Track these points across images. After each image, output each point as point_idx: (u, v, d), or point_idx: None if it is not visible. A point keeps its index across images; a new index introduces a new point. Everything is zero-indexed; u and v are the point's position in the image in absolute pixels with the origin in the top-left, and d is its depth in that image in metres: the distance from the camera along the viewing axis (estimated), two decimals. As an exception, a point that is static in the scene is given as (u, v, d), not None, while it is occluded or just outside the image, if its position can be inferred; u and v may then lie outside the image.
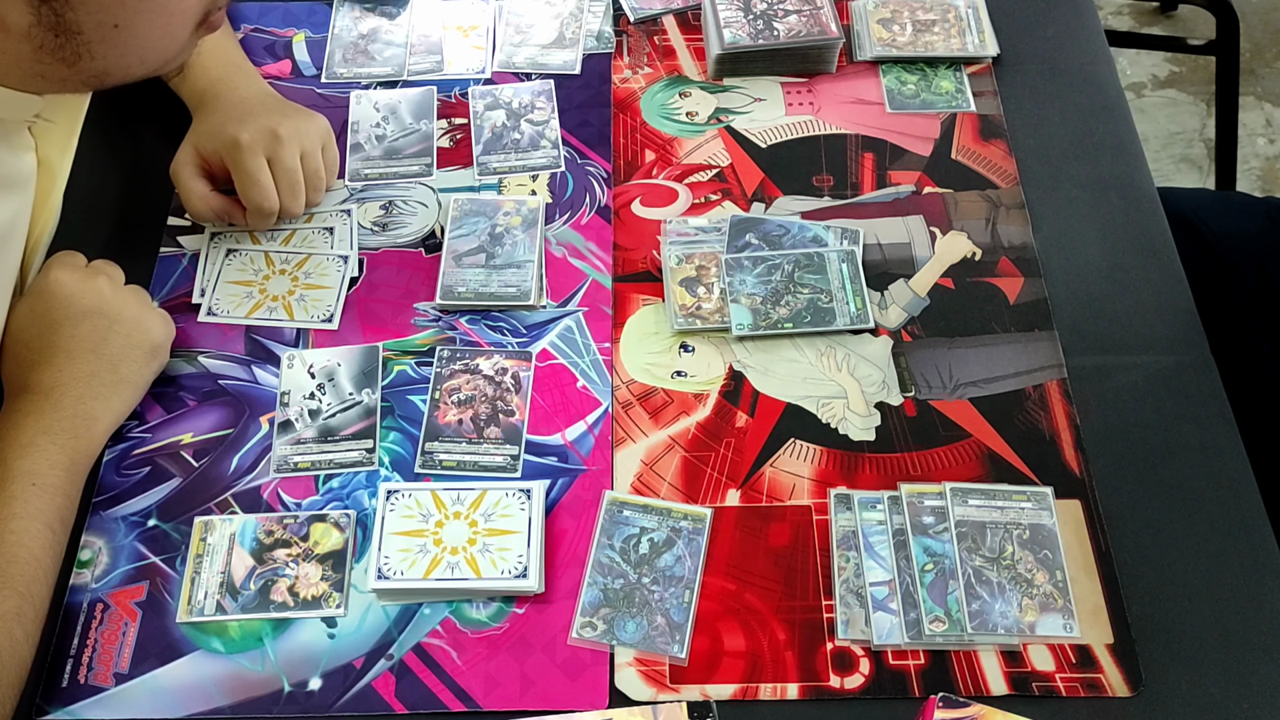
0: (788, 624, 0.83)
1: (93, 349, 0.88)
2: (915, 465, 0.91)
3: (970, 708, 0.78)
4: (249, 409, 0.94)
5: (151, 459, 0.91)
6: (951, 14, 1.19)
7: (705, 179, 1.09)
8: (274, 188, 1.00)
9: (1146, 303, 0.98)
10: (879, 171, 1.09)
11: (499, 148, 1.11)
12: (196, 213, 1.02)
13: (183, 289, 1.01)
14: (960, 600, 0.83)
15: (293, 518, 0.88)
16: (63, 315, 0.88)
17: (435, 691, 0.81)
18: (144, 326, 0.91)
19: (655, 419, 0.94)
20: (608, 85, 1.16)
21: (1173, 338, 0.97)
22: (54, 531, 0.81)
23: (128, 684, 0.81)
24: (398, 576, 0.84)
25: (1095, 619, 0.83)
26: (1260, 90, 2.32)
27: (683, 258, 1.02)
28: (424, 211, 1.06)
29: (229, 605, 0.84)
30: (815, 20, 1.15)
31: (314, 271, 1.02)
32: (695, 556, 0.86)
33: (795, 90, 1.16)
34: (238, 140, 0.99)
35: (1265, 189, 2.21)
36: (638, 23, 1.21)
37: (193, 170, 1.01)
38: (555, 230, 1.05)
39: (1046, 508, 0.87)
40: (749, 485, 0.90)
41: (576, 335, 0.98)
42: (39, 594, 0.79)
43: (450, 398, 0.94)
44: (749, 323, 0.98)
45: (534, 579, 0.83)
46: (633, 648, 0.82)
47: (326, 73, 1.17)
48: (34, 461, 0.82)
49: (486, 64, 1.18)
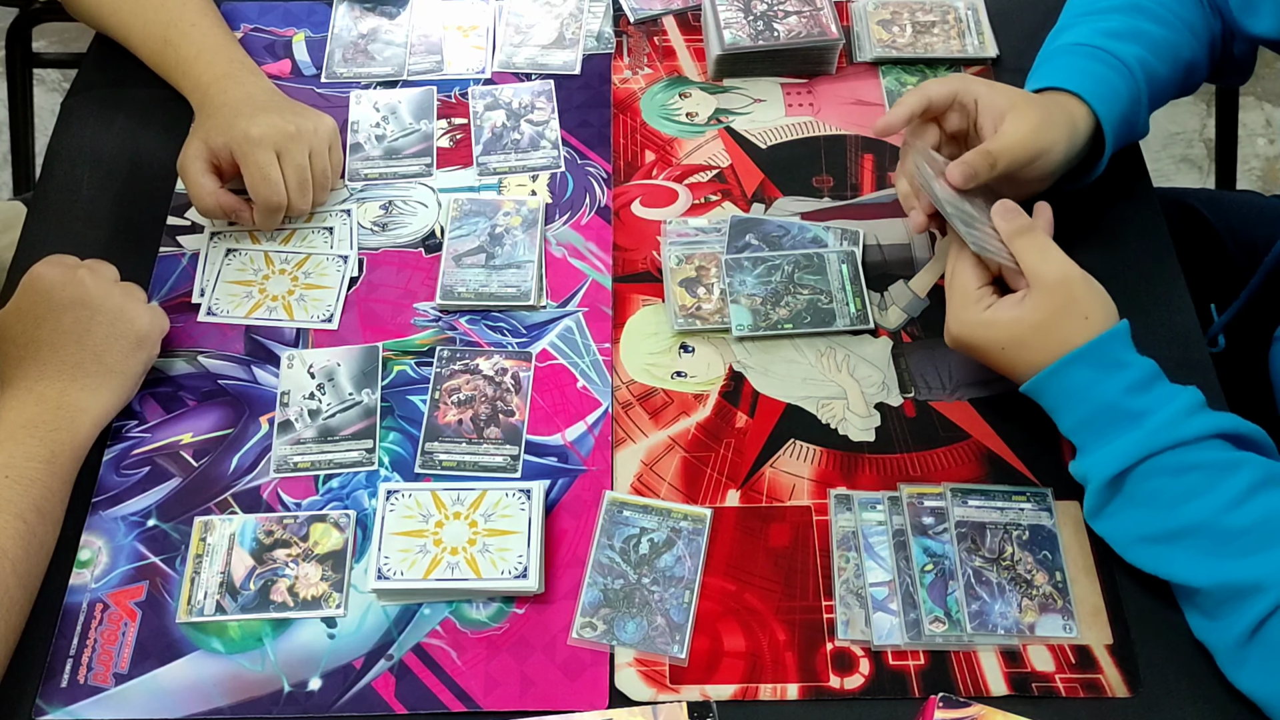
0: (788, 624, 0.83)
1: (76, 340, 0.88)
2: (915, 466, 0.91)
3: (970, 708, 0.78)
4: (249, 409, 0.94)
5: (151, 459, 0.91)
6: (951, 15, 1.19)
7: (705, 180, 1.09)
8: (283, 184, 1.00)
9: (1146, 302, 0.98)
10: (879, 172, 1.09)
11: (499, 148, 1.11)
12: (205, 209, 1.02)
13: (183, 289, 1.01)
14: (960, 601, 0.83)
15: (293, 518, 0.88)
16: (45, 309, 0.88)
17: (435, 692, 0.81)
18: (127, 316, 0.90)
19: (655, 419, 0.94)
20: (608, 86, 1.16)
21: (1173, 338, 0.97)
22: (26, 523, 0.81)
23: (127, 684, 0.81)
24: (398, 576, 0.84)
25: (1095, 619, 0.83)
26: (1260, 90, 2.32)
27: (683, 258, 1.02)
28: (424, 211, 1.06)
29: (229, 605, 0.84)
30: (815, 21, 1.15)
31: (314, 271, 1.02)
32: (695, 557, 0.86)
33: (795, 91, 1.16)
34: (248, 135, 0.99)
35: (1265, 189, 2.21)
36: (638, 23, 1.21)
37: (202, 165, 1.01)
38: (555, 230, 1.05)
39: (1046, 508, 0.87)
40: (749, 486, 0.90)
41: (576, 335, 0.98)
42: (8, 584, 0.78)
43: (450, 398, 0.94)
44: (749, 323, 0.98)
45: (534, 579, 0.83)
46: (633, 648, 0.82)
47: (326, 72, 1.17)
48: (10, 454, 0.83)
49: (486, 64, 1.17)
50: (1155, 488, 0.79)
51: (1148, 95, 0.99)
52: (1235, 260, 1.17)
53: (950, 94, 0.96)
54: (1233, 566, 0.76)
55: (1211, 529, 0.78)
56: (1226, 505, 0.77)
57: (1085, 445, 0.83)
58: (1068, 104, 0.96)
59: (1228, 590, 0.76)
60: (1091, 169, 0.99)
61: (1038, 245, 0.85)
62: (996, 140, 0.92)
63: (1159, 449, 0.79)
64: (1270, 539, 0.76)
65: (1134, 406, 0.81)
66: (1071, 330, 0.83)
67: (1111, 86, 0.97)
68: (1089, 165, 0.99)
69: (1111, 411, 0.81)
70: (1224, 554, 0.77)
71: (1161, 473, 0.79)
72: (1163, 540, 0.79)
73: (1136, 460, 0.79)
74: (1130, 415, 0.81)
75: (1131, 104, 0.98)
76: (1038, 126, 0.93)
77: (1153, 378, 0.82)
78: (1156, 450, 0.79)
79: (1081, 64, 0.98)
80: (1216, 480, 0.78)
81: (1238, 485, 0.78)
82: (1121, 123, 0.98)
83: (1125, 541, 0.82)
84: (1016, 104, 0.94)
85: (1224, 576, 0.77)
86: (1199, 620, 0.80)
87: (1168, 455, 0.79)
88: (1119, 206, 1.05)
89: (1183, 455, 0.79)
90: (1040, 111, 0.94)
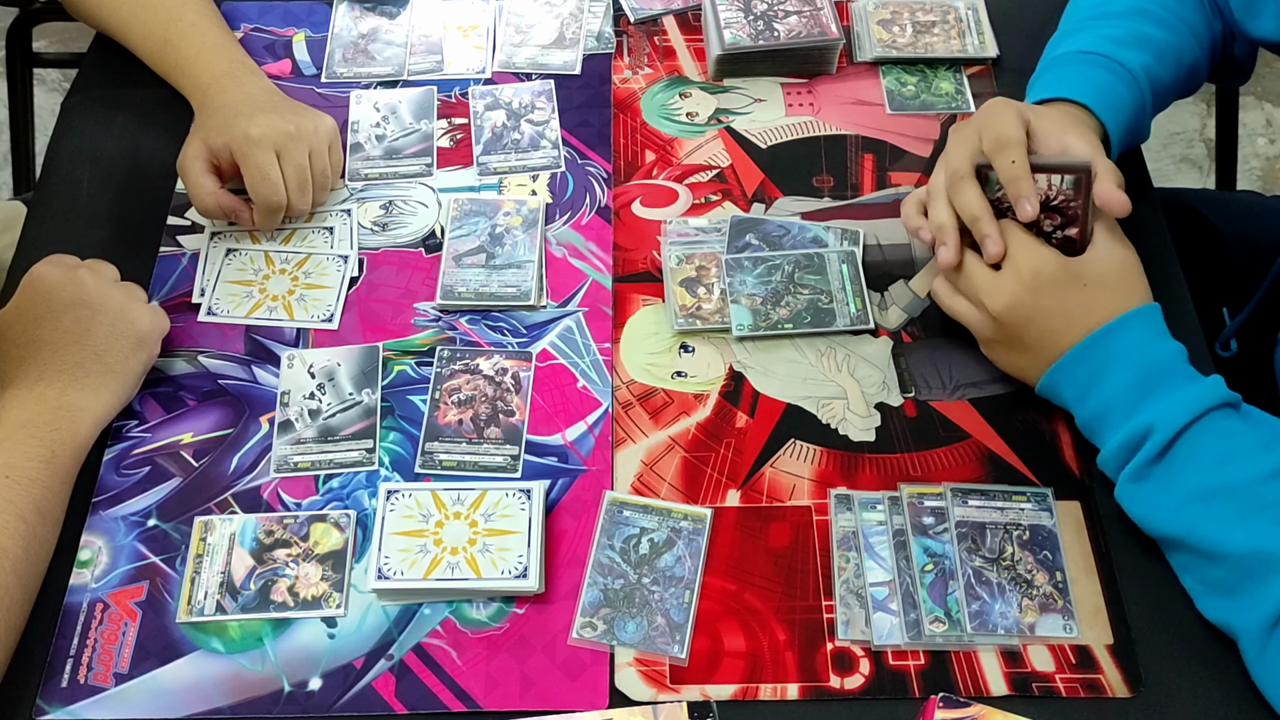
0: (788, 624, 0.83)
1: (76, 340, 0.88)
2: (915, 466, 0.91)
3: (970, 708, 0.78)
4: (249, 409, 0.94)
5: (151, 459, 0.91)
6: (951, 15, 1.19)
7: (705, 179, 1.09)
8: (283, 183, 1.00)
9: (1146, 303, 0.98)
10: (879, 172, 1.09)
11: (499, 148, 1.11)
12: (205, 208, 1.02)
13: (183, 289, 1.01)
14: (960, 601, 0.83)
15: (293, 518, 0.88)
16: (46, 309, 0.88)
17: (435, 692, 0.81)
18: (128, 316, 0.90)
19: (655, 419, 0.94)
20: (608, 85, 1.16)
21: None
22: (27, 523, 0.81)
23: (127, 684, 0.81)
24: (398, 576, 0.84)
25: (1095, 619, 0.83)
26: (1260, 90, 2.32)
27: (683, 258, 1.02)
28: (424, 211, 1.06)
29: (229, 605, 0.84)
30: (815, 21, 1.15)
31: (314, 271, 1.02)
32: (695, 557, 0.86)
33: (795, 91, 1.16)
34: (248, 134, 0.99)
35: (1265, 189, 2.21)
36: (638, 23, 1.21)
37: (202, 165, 1.01)
38: (555, 230, 1.05)
39: (1046, 508, 0.87)
40: (749, 486, 0.90)
41: (576, 335, 0.98)
42: (9, 584, 0.79)
43: (450, 398, 0.94)
44: (749, 323, 0.98)
45: (534, 579, 0.83)
46: (633, 648, 0.82)
47: (326, 72, 1.17)
48: (10, 454, 0.83)
49: (486, 64, 1.18)
50: (1204, 443, 0.81)
51: (1152, 102, 0.99)
52: (1239, 263, 1.17)
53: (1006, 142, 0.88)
54: (1269, 533, 0.76)
55: (1251, 493, 0.78)
56: (1270, 471, 0.79)
57: (1138, 403, 0.83)
58: (1076, 115, 0.96)
59: (1259, 559, 0.76)
60: None
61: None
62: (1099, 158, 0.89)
63: (1219, 402, 0.81)
64: None
65: (1187, 370, 0.84)
66: (1132, 292, 0.86)
67: (1119, 96, 0.97)
68: None
69: (1168, 369, 0.84)
70: (1261, 519, 0.77)
71: (1214, 430, 0.81)
72: (1198, 500, 0.80)
73: (1205, 409, 0.81)
74: (1186, 375, 0.83)
75: (1137, 113, 0.98)
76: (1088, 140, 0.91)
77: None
78: (1218, 403, 0.81)
79: (1090, 74, 0.98)
80: (1264, 445, 0.80)
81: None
82: (1126, 132, 0.98)
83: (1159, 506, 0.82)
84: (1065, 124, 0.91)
85: (1257, 542, 0.76)
86: (1220, 601, 0.79)
87: (1225, 411, 0.81)
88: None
89: (1235, 416, 0.82)
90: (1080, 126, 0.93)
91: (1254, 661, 0.77)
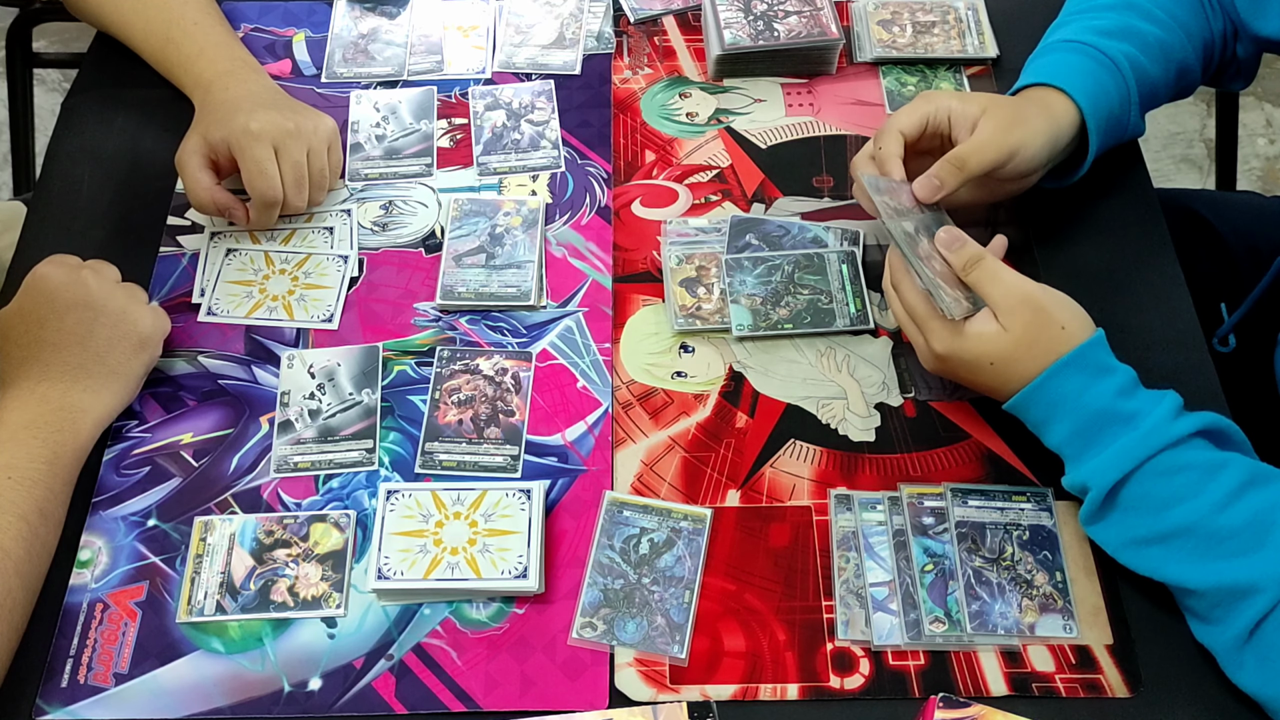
0: (788, 624, 0.83)
1: (79, 341, 0.88)
2: (915, 466, 0.91)
3: (970, 708, 0.78)
4: (249, 409, 0.94)
5: (151, 459, 0.91)
6: (951, 15, 1.19)
7: (705, 180, 1.09)
8: (279, 179, 1.00)
9: (1146, 303, 0.98)
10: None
11: (499, 148, 1.11)
12: (200, 203, 1.01)
13: (183, 289, 1.01)
14: (960, 601, 0.83)
15: (293, 518, 0.88)
16: (48, 310, 0.88)
17: (435, 692, 0.81)
18: (130, 318, 0.90)
19: (655, 419, 0.94)
20: (608, 86, 1.16)
21: (1172, 338, 0.97)
22: (29, 524, 0.81)
23: (127, 684, 0.81)
24: (398, 577, 0.84)
25: (1095, 619, 0.83)
26: (1260, 90, 2.32)
27: (683, 258, 1.02)
28: (424, 211, 1.06)
29: (229, 605, 0.84)
30: (815, 21, 1.15)
31: (314, 271, 1.02)
32: (695, 557, 0.86)
33: (795, 91, 1.16)
34: (247, 128, 0.99)
35: (1265, 189, 2.21)
36: (638, 23, 1.21)
37: (200, 161, 1.01)
38: (555, 230, 1.05)
39: (1046, 508, 0.87)
40: (749, 486, 0.90)
41: (576, 335, 0.98)
42: (11, 585, 0.79)
43: (450, 398, 0.94)
44: (749, 323, 0.98)
45: (534, 579, 0.83)
46: (633, 648, 0.82)
47: (326, 72, 1.17)
48: (13, 455, 0.83)
49: (486, 64, 1.17)
50: (1148, 490, 0.79)
51: (1138, 93, 0.99)
52: (1239, 263, 1.17)
53: (921, 120, 0.95)
54: (1226, 567, 0.76)
55: (1203, 530, 0.78)
56: (1216, 506, 0.77)
57: (1079, 455, 0.82)
58: (1049, 99, 0.96)
59: (1223, 592, 0.76)
60: (1080, 165, 0.99)
61: (989, 274, 0.85)
62: (965, 144, 0.92)
63: (1154, 451, 0.79)
64: (1261, 539, 0.76)
65: (1126, 410, 0.81)
66: (1052, 340, 0.82)
67: (1097, 81, 0.97)
68: (1078, 161, 0.99)
69: (1105, 417, 0.81)
70: (1217, 555, 0.77)
71: (1155, 475, 0.79)
72: (1155, 542, 0.79)
73: (1137, 464, 0.79)
74: (1123, 419, 0.80)
75: (1120, 101, 0.98)
76: (1008, 125, 0.92)
77: (1135, 382, 0.82)
78: (1153, 453, 0.79)
79: (1068, 59, 0.98)
80: (1205, 481, 0.78)
81: (1226, 485, 0.78)
82: (1108, 119, 0.97)
83: (1120, 545, 0.82)
84: (988, 108, 0.94)
85: (1218, 578, 0.77)
86: (1197, 624, 0.80)
87: (1162, 457, 0.79)
88: (1119, 206, 1.05)
89: (1174, 457, 0.79)
90: (1011, 110, 0.94)
91: (1233, 676, 0.78)
